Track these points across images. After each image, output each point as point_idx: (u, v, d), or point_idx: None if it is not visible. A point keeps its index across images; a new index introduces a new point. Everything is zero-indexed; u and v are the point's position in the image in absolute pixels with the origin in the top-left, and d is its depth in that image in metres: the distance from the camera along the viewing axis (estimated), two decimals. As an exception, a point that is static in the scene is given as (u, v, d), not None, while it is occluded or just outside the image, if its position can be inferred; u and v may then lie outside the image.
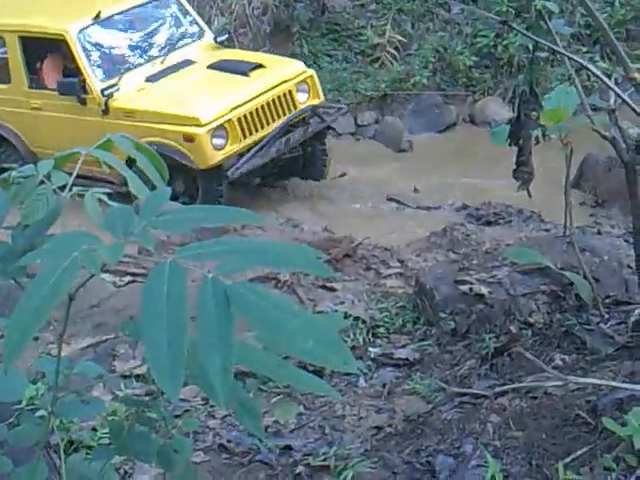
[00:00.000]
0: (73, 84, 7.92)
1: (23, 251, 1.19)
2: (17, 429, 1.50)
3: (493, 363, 3.48)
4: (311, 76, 8.34)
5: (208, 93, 8.02)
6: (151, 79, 8.14)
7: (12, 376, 1.38)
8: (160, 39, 8.63)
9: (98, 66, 8.12)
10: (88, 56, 8.04)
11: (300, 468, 2.91)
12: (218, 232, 5.29)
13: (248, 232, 5.64)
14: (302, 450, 3.02)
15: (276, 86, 7.99)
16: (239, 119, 7.65)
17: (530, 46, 3.62)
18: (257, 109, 7.78)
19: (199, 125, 7.51)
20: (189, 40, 8.73)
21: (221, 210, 1.26)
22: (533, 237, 5.13)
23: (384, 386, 3.50)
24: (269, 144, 7.76)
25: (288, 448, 3.03)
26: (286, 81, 8.08)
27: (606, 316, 3.63)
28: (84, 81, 7.94)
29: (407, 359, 3.69)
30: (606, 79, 3.13)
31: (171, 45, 8.59)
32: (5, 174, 1.28)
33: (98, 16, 8.19)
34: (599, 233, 4.89)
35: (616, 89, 3.07)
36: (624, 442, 2.58)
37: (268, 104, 7.87)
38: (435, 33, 10.76)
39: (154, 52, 8.51)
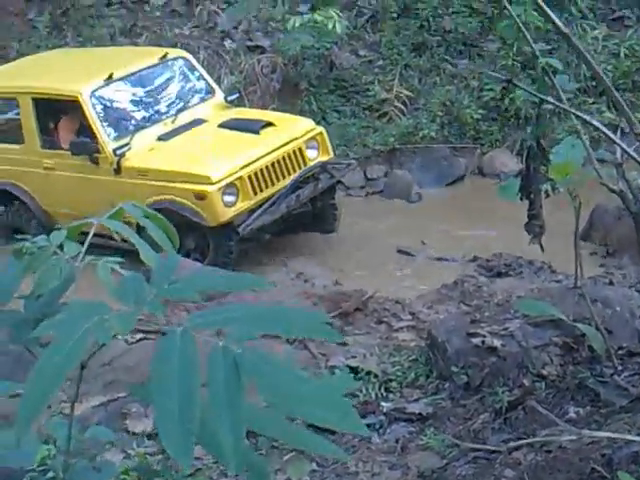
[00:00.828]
0: (85, 144, 8.00)
1: (36, 320, 1.21)
2: (30, 494, 1.50)
3: (507, 417, 3.47)
4: (320, 133, 8.43)
5: (219, 151, 8.07)
6: (163, 138, 8.21)
7: (25, 441, 1.39)
8: (171, 99, 8.71)
9: (110, 126, 8.19)
10: (100, 116, 8.11)
11: (314, 527, 2.88)
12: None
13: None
14: (315, 508, 3.00)
15: (286, 144, 8.06)
16: (250, 176, 7.71)
17: (536, 100, 3.67)
18: (268, 166, 7.84)
19: (210, 183, 7.57)
20: (200, 99, 8.80)
21: (230, 277, 1.28)
22: (544, 288, 5.12)
23: (397, 441, 3.48)
24: (279, 200, 7.81)
25: (301, 507, 3.01)
26: (296, 139, 8.16)
27: (619, 368, 3.61)
28: (97, 141, 8.01)
29: (420, 414, 3.68)
30: (611, 134, 3.16)
31: (182, 104, 8.67)
32: (19, 244, 1.31)
33: (110, 77, 8.29)
34: (610, 283, 4.88)
35: (621, 144, 3.10)
36: (640, 497, 2.56)
37: (278, 161, 7.93)
38: (442, 87, 10.87)
39: (165, 111, 8.59)
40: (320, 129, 8.50)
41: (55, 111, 8.56)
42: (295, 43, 10.66)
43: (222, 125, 8.36)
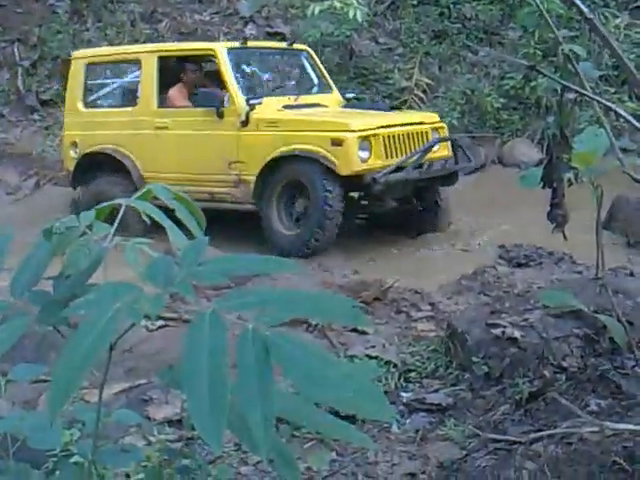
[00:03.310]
0: (212, 95, 7.95)
1: (64, 300, 1.21)
2: (54, 476, 1.50)
3: (527, 408, 3.44)
4: (443, 127, 8.37)
5: (353, 114, 8.14)
6: (288, 108, 8.16)
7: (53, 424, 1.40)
8: (294, 84, 8.88)
9: (240, 83, 8.16)
10: (233, 71, 8.11)
11: (333, 515, 2.88)
12: (250, 275, 5.30)
13: (279, 276, 5.65)
14: (335, 497, 2.99)
15: (416, 124, 8.03)
16: (383, 137, 7.62)
17: (558, 88, 3.64)
18: (399, 135, 7.76)
19: (348, 130, 7.48)
20: (319, 92, 8.88)
21: (258, 260, 1.27)
22: (565, 279, 5.09)
23: (417, 432, 3.47)
24: (415, 161, 7.68)
25: (321, 495, 3.01)
26: (424, 123, 8.14)
27: (641, 359, 3.58)
28: (228, 92, 7.95)
29: (440, 404, 3.66)
30: (635, 121, 3.12)
31: (304, 91, 8.77)
32: (48, 225, 1.31)
33: (245, 43, 8.45)
34: (631, 275, 4.84)
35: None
36: (663, 489, 2.53)
37: (408, 135, 7.84)
38: (462, 75, 10.82)
39: (289, 90, 8.72)
40: (443, 124, 8.44)
41: (178, 70, 8.61)
42: (315, 30, 10.64)
43: (347, 106, 8.45)
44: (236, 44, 8.40)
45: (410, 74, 10.89)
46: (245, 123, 7.83)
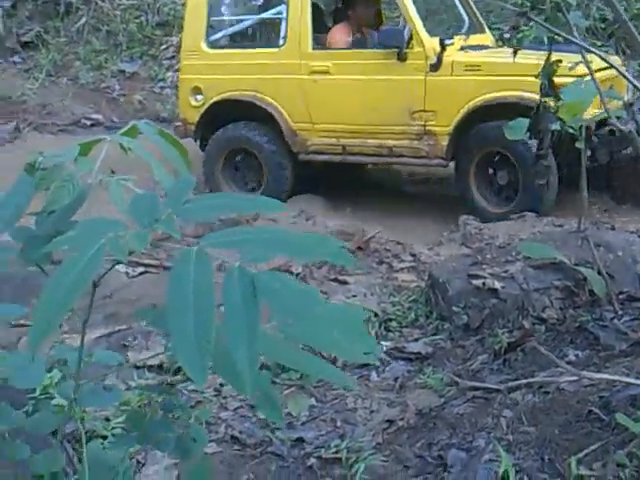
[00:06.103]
0: (399, 33, 6.81)
1: (47, 237, 1.19)
2: (35, 416, 1.50)
3: (506, 358, 3.48)
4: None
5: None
6: (465, 49, 6.93)
7: (33, 363, 1.39)
8: (452, 20, 7.91)
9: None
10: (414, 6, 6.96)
11: (312, 460, 2.91)
12: (230, 224, 5.29)
13: (260, 224, 5.63)
14: (314, 442, 3.02)
15: (603, 69, 6.99)
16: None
17: (546, 39, 3.61)
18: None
19: (574, 75, 6.47)
20: (473, 31, 7.69)
21: (245, 198, 1.26)
22: (547, 232, 5.11)
23: (396, 380, 3.50)
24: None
25: (300, 440, 3.03)
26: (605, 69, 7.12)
27: (620, 312, 3.62)
28: (412, 33, 6.82)
29: (419, 353, 3.69)
30: (623, 70, 3.12)
31: (463, 29, 7.71)
32: (31, 159, 1.28)
33: None
34: (613, 229, 4.88)
35: (634, 80, 3.06)
36: (637, 438, 2.57)
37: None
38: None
39: (455, 26, 7.74)
40: None
41: (334, 9, 7.81)
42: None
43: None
44: None
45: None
46: (436, 67, 6.76)
